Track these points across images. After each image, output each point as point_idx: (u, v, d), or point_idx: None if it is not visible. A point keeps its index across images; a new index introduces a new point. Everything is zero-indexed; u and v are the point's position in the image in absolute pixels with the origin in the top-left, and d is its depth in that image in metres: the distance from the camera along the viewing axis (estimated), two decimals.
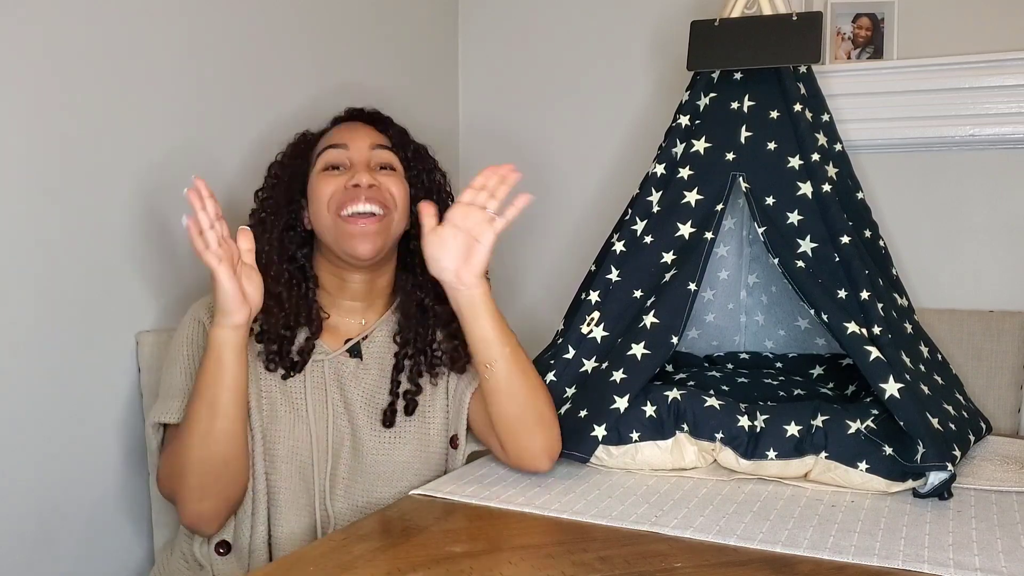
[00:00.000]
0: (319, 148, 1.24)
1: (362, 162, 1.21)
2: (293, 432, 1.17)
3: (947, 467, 1.09)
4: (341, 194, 1.18)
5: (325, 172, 1.21)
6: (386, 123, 1.30)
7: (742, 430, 1.21)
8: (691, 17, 1.49)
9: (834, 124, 1.44)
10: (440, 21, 2.10)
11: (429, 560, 0.89)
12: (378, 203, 1.18)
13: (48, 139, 1.20)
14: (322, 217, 1.19)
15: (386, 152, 1.25)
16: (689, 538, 0.98)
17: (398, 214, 1.22)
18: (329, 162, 1.22)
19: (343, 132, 1.25)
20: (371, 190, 1.18)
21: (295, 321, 1.19)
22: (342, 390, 1.21)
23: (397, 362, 1.23)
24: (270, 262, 1.19)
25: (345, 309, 1.25)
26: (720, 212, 1.33)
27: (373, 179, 1.19)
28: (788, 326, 1.60)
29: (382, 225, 1.18)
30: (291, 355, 1.19)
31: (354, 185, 1.17)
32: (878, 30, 1.73)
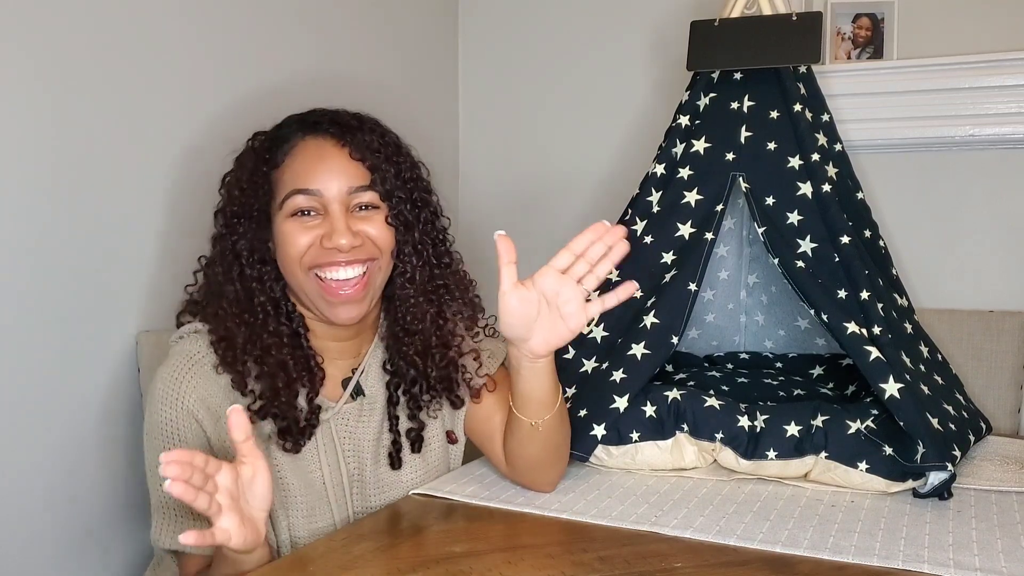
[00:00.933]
0: (285, 189, 1.05)
1: (338, 211, 1.04)
2: (312, 509, 1.06)
3: (947, 467, 1.09)
4: (316, 252, 1.03)
5: (293, 219, 1.05)
6: (359, 142, 1.07)
7: (742, 430, 1.21)
8: (691, 17, 1.48)
9: (834, 124, 1.44)
10: (440, 21, 2.10)
11: (429, 560, 0.89)
12: (361, 262, 1.05)
13: (48, 138, 1.20)
14: (295, 274, 1.05)
15: (365, 193, 1.06)
16: (689, 538, 0.98)
17: (384, 260, 1.08)
18: (298, 207, 1.04)
19: (310, 169, 1.05)
20: (353, 252, 1.04)
21: (298, 385, 1.06)
22: (354, 440, 1.11)
23: (390, 395, 1.14)
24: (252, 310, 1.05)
25: (333, 350, 1.13)
26: (720, 212, 1.33)
27: (353, 235, 1.04)
28: (788, 326, 1.60)
29: (368, 286, 1.07)
30: (299, 424, 1.06)
31: (333, 247, 1.03)
32: (878, 30, 1.73)
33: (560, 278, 0.99)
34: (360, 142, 1.07)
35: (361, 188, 1.06)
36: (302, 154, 1.06)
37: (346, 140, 1.07)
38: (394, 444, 1.13)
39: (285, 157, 1.07)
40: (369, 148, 1.07)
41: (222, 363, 1.04)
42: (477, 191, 2.17)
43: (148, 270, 1.35)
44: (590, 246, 0.99)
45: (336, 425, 1.11)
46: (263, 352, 1.04)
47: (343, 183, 1.05)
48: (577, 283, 0.99)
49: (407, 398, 1.13)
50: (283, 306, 1.08)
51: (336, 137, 1.07)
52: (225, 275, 1.07)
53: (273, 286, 1.07)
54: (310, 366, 1.08)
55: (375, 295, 1.09)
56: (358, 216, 1.06)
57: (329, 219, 1.04)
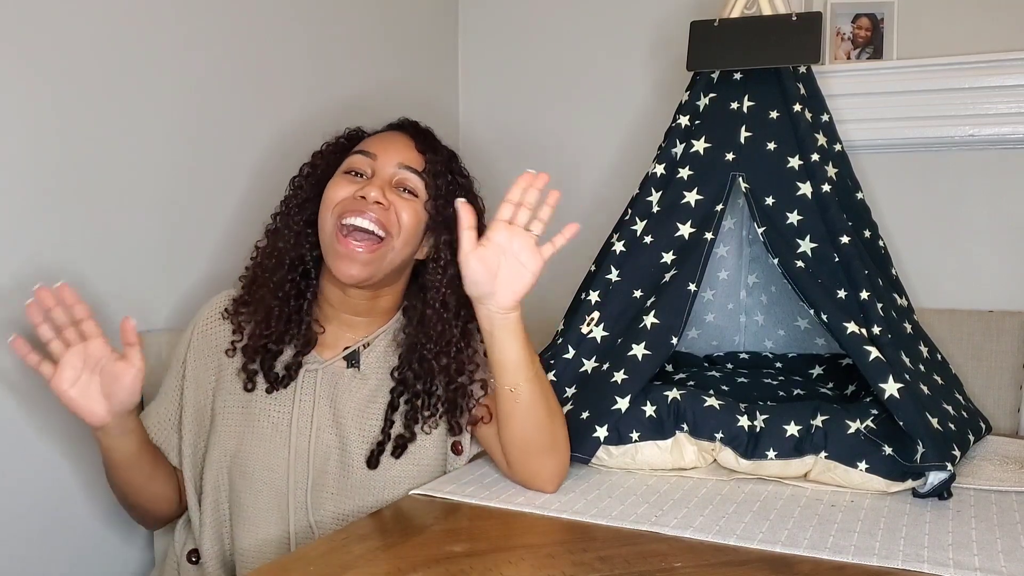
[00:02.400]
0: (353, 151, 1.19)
1: (383, 177, 1.14)
2: (270, 448, 1.13)
3: (947, 467, 1.09)
4: (348, 202, 1.11)
5: (345, 175, 1.15)
6: (429, 144, 1.20)
7: (742, 430, 1.21)
8: (691, 17, 1.49)
9: (834, 124, 1.44)
10: (440, 21, 2.10)
11: (429, 560, 0.89)
12: (379, 224, 1.11)
13: (55, 138, 1.20)
14: (325, 221, 1.13)
15: (412, 175, 1.15)
16: (689, 538, 0.98)
17: (399, 242, 1.13)
18: (352, 166, 1.16)
19: (378, 140, 1.18)
20: (376, 207, 1.11)
21: (283, 337, 1.15)
22: (333, 402, 1.15)
23: (392, 400, 1.15)
24: (278, 265, 1.16)
25: (345, 322, 1.19)
26: (720, 212, 1.33)
27: (384, 196, 1.12)
28: (788, 326, 1.60)
29: (376, 253, 1.11)
30: (275, 369, 1.15)
31: (361, 196, 1.11)
32: (878, 30, 1.73)
33: (509, 228, 1.05)
34: (429, 145, 1.19)
35: (411, 169, 1.15)
36: (379, 135, 1.21)
37: (417, 137, 1.19)
38: (379, 445, 1.13)
39: (366, 138, 1.20)
40: (433, 148, 1.19)
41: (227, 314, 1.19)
42: (476, 191, 2.16)
43: (153, 271, 1.36)
44: (524, 194, 1.07)
45: (322, 379, 1.16)
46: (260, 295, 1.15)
47: (397, 157, 1.15)
48: (525, 230, 1.06)
49: (408, 407, 1.15)
50: (302, 269, 1.17)
51: (410, 133, 1.20)
52: (273, 223, 1.19)
53: (304, 246, 1.17)
54: (301, 326, 1.16)
55: (380, 271, 1.12)
56: (398, 194, 1.14)
57: (371, 180, 1.13)
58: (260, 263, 1.18)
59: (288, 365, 1.15)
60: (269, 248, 1.18)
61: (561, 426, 1.15)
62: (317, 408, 1.15)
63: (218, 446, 1.15)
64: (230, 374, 1.17)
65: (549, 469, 1.13)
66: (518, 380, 1.08)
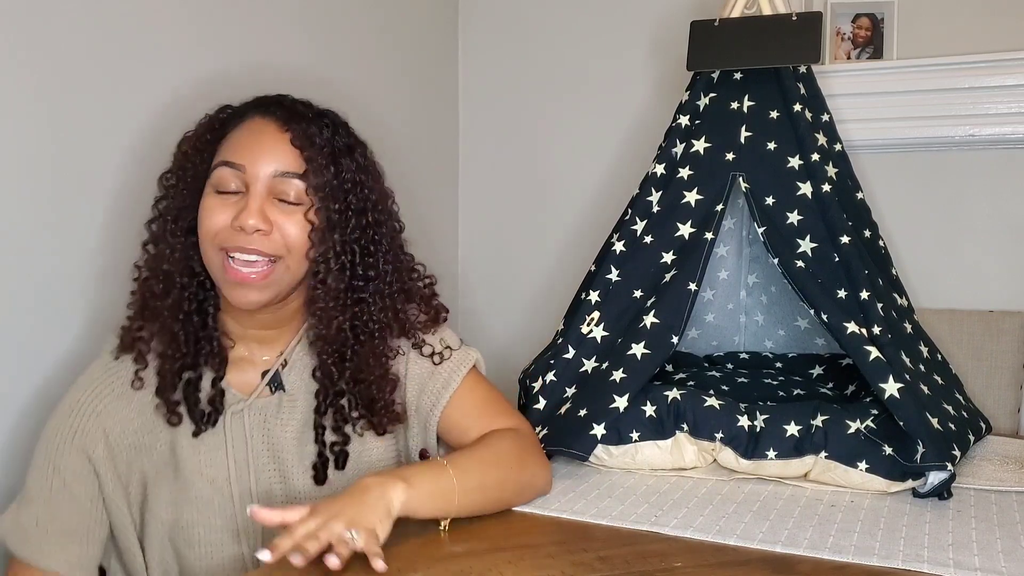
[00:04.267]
0: (217, 159, 1.02)
1: (259, 192, 0.99)
2: (212, 510, 1.03)
3: (947, 467, 1.09)
4: (226, 233, 0.99)
5: (216, 194, 1.01)
6: (306, 133, 1.02)
7: (742, 430, 1.21)
8: (691, 17, 1.49)
9: (834, 124, 1.44)
10: (440, 21, 2.10)
11: (429, 560, 0.89)
12: (262, 253, 0.99)
13: (48, 140, 1.20)
14: (206, 248, 1.01)
15: (291, 182, 1.01)
16: (689, 538, 0.98)
17: (292, 260, 1.01)
18: (221, 184, 1.01)
19: (244, 144, 1.01)
20: (257, 237, 0.98)
21: (197, 359, 1.04)
22: (268, 437, 1.05)
23: (318, 404, 1.06)
24: (169, 285, 1.03)
25: (255, 338, 1.08)
26: (720, 212, 1.33)
27: (263, 219, 0.98)
28: (788, 326, 1.60)
29: (271, 277, 1.00)
30: (200, 406, 1.04)
31: (239, 227, 0.98)
32: (878, 30, 1.73)
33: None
34: (304, 131, 1.02)
35: (289, 174, 1.01)
36: (244, 129, 1.03)
37: (290, 126, 1.02)
38: (319, 456, 1.05)
39: (231, 130, 1.04)
40: (312, 140, 1.02)
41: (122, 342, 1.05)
42: (477, 191, 2.17)
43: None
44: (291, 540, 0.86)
45: (250, 419, 1.05)
46: (158, 320, 1.04)
47: (271, 165, 1.00)
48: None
49: (333, 409, 1.06)
50: (195, 282, 1.05)
51: (281, 121, 1.03)
52: (153, 242, 1.06)
53: (191, 257, 1.04)
54: (212, 346, 1.05)
55: (280, 291, 1.02)
56: (278, 206, 1.01)
57: (247, 198, 0.99)
58: (147, 285, 1.05)
59: (211, 398, 1.04)
60: (152, 266, 1.05)
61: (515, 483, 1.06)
62: (252, 452, 1.05)
63: (154, 519, 1.04)
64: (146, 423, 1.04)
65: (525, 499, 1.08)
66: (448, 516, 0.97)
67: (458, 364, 1.12)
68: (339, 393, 1.06)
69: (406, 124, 1.97)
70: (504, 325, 2.15)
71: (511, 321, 2.14)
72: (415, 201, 2.03)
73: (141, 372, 1.04)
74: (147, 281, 1.05)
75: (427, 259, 1.14)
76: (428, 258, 1.16)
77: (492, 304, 2.17)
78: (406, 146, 1.98)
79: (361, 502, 0.88)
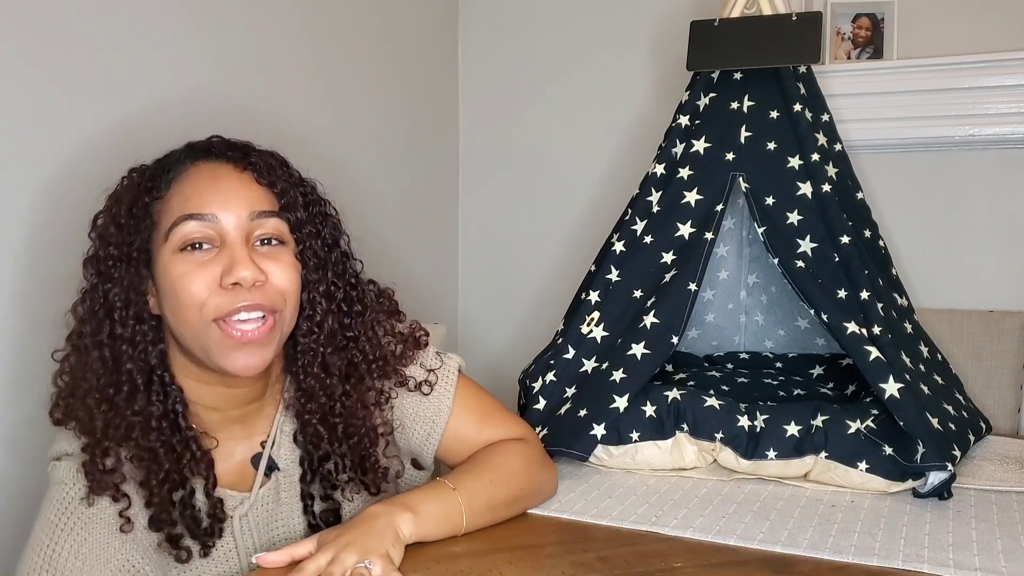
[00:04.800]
0: (172, 216, 0.87)
1: (238, 239, 0.87)
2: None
3: (947, 467, 1.09)
4: (219, 300, 0.85)
5: (184, 254, 0.86)
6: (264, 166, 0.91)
7: (742, 430, 1.21)
8: (691, 17, 1.49)
9: (834, 124, 1.44)
10: (440, 21, 2.10)
11: (429, 560, 0.88)
12: (265, 309, 0.87)
13: (54, 143, 1.20)
14: (193, 324, 0.86)
15: (272, 220, 0.89)
16: (689, 538, 0.98)
17: (288, 309, 0.91)
18: (188, 239, 0.86)
19: (204, 190, 0.87)
20: (255, 291, 0.86)
21: (182, 474, 0.89)
22: (283, 524, 0.98)
23: (304, 472, 0.97)
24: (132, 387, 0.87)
25: (235, 420, 0.96)
26: (720, 212, 1.33)
27: (257, 269, 0.86)
28: (788, 326, 1.60)
29: (272, 332, 0.89)
30: (201, 525, 0.91)
31: (234, 284, 0.85)
32: (878, 30, 1.73)
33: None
34: (264, 164, 0.91)
35: (266, 214, 0.89)
36: (193, 178, 0.89)
37: (248, 163, 0.90)
38: (311, 528, 0.97)
39: (172, 184, 0.89)
40: (276, 174, 0.91)
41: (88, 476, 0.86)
42: (477, 191, 2.17)
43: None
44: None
45: (255, 516, 0.95)
46: (125, 441, 0.87)
47: (244, 207, 0.87)
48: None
49: (320, 477, 0.97)
50: (156, 378, 0.89)
51: (235, 161, 0.90)
52: (93, 338, 0.87)
53: (148, 350, 0.88)
54: (192, 451, 0.90)
55: (279, 347, 0.92)
56: (261, 251, 0.89)
57: (227, 250, 0.86)
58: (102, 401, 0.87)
59: (211, 511, 0.92)
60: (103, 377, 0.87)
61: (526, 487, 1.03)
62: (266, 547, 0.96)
63: None
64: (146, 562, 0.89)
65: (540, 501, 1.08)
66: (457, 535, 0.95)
67: (444, 386, 1.04)
68: (324, 457, 0.96)
69: (406, 124, 1.97)
70: (504, 326, 2.15)
71: (511, 322, 2.14)
72: (415, 201, 2.04)
73: (126, 511, 0.88)
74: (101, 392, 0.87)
75: (427, 259, 1.14)
76: (428, 258, 1.16)
77: (492, 305, 2.17)
78: (406, 146, 1.98)
79: (370, 531, 0.85)
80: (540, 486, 1.07)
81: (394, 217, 1.95)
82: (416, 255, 2.03)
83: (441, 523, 0.92)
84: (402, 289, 1.13)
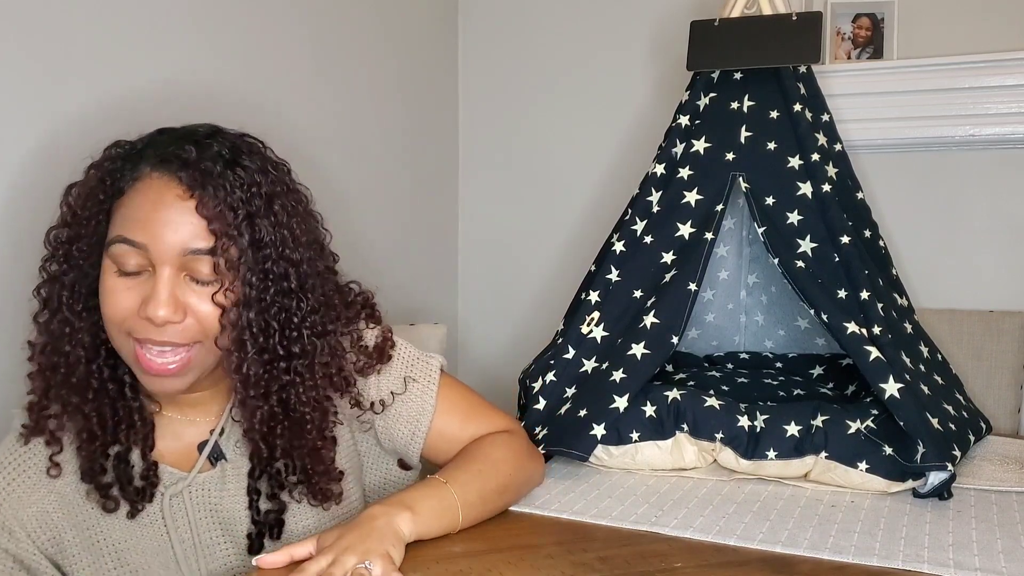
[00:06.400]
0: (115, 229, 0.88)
1: (165, 275, 0.87)
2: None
3: (947, 467, 1.09)
4: (134, 323, 0.87)
5: (115, 276, 0.88)
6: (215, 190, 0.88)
7: (742, 430, 1.21)
8: (691, 17, 1.49)
9: (834, 124, 1.44)
10: (440, 21, 2.10)
11: (429, 560, 0.88)
12: (176, 346, 0.88)
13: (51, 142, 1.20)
14: (113, 336, 0.90)
15: (202, 259, 0.87)
16: (689, 538, 0.98)
17: (211, 342, 0.90)
18: (120, 262, 0.88)
19: (143, 216, 0.87)
20: (169, 329, 0.87)
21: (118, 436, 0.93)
22: (217, 514, 0.97)
23: (252, 467, 0.97)
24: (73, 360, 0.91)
25: (185, 401, 0.98)
26: (720, 212, 1.33)
27: (174, 308, 0.87)
28: (788, 326, 1.60)
29: (191, 363, 0.90)
30: (133, 483, 0.93)
31: (146, 317, 0.86)
32: (878, 30, 1.73)
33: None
34: (211, 196, 0.88)
35: (198, 252, 0.87)
36: (143, 192, 0.88)
37: (195, 191, 0.88)
38: (254, 523, 0.97)
39: (128, 188, 0.90)
40: (221, 204, 0.88)
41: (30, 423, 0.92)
42: (477, 191, 2.17)
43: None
44: None
45: (192, 497, 0.96)
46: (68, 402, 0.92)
47: (177, 242, 0.87)
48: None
49: (267, 476, 0.97)
50: (104, 350, 0.93)
51: (185, 184, 0.88)
52: (48, 305, 0.92)
53: (98, 323, 0.91)
54: (134, 417, 0.94)
55: (203, 371, 0.92)
56: (190, 286, 0.88)
57: (152, 280, 0.87)
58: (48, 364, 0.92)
59: (144, 473, 0.94)
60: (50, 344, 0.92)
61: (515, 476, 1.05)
62: (199, 533, 0.96)
63: None
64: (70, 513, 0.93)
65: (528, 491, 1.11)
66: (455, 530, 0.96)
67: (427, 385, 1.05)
68: (273, 458, 0.96)
69: (406, 125, 1.97)
70: (504, 326, 2.15)
71: (511, 322, 2.14)
72: (415, 201, 2.04)
73: (57, 456, 0.93)
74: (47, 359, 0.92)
75: (427, 259, 1.13)
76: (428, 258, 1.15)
77: (492, 305, 2.17)
78: (406, 146, 1.98)
79: (370, 531, 0.85)
80: (529, 474, 1.09)
81: (394, 217, 1.95)
82: (416, 255, 2.03)
83: (439, 518, 0.93)
84: (402, 289, 1.14)
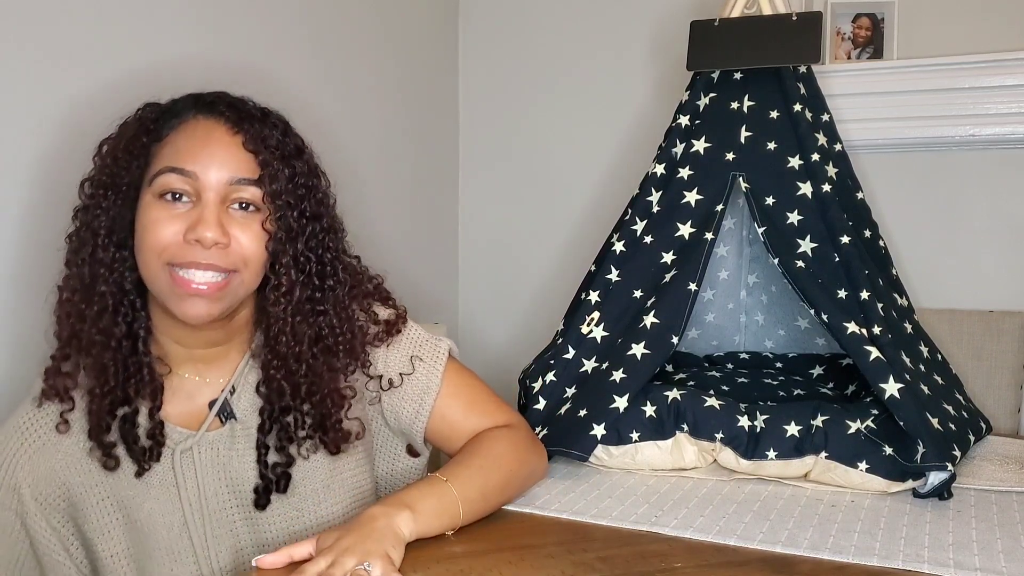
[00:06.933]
0: (161, 163, 0.92)
1: (213, 199, 0.91)
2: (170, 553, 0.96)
3: (947, 467, 1.09)
4: (177, 248, 0.90)
5: (160, 201, 0.91)
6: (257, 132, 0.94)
7: (742, 430, 1.21)
8: (691, 17, 1.49)
9: (834, 124, 1.44)
10: (440, 21, 2.10)
11: (429, 560, 0.88)
12: (219, 270, 0.91)
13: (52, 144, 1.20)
14: (149, 264, 0.91)
15: (248, 188, 0.93)
16: (689, 538, 0.98)
17: (249, 272, 0.94)
18: (167, 188, 0.91)
19: (192, 148, 0.92)
20: (215, 252, 0.90)
21: (125, 393, 0.95)
22: (227, 474, 0.98)
23: (262, 422, 0.98)
24: (102, 303, 0.93)
25: (199, 359, 1.00)
26: (720, 212, 1.33)
27: (222, 231, 0.91)
28: (788, 326, 1.60)
29: (225, 290, 0.92)
30: (139, 443, 0.95)
31: (195, 239, 0.90)
32: (878, 30, 1.73)
33: None
34: (256, 133, 0.94)
35: (245, 181, 0.92)
36: (188, 132, 0.93)
37: (242, 128, 0.94)
38: (262, 478, 0.98)
39: (170, 132, 0.94)
40: (265, 142, 0.95)
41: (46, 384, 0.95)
42: (477, 191, 2.17)
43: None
44: None
45: (202, 455, 0.97)
46: (89, 351, 0.94)
47: (225, 171, 0.92)
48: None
49: (278, 427, 0.98)
50: (126, 301, 0.95)
51: (231, 123, 0.94)
52: (75, 255, 0.94)
53: (123, 275, 0.94)
54: (143, 375, 0.95)
55: (233, 303, 0.95)
56: (234, 215, 0.93)
57: (200, 208, 0.91)
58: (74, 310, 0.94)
59: (150, 432, 0.96)
60: (79, 287, 0.94)
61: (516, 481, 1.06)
62: (207, 492, 0.97)
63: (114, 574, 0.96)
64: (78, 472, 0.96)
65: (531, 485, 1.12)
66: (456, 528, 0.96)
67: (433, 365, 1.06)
68: (285, 409, 0.98)
69: (406, 125, 1.97)
70: (504, 325, 2.15)
71: (511, 321, 2.14)
72: (415, 201, 2.04)
73: (67, 413, 0.95)
74: (74, 304, 0.94)
75: (427, 258, 1.13)
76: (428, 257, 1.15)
77: (492, 304, 2.17)
78: (406, 146, 1.98)
79: (370, 533, 0.85)
80: (531, 469, 1.09)
81: (394, 216, 1.95)
82: (416, 254, 2.03)
83: (439, 517, 0.93)
84: (402, 288, 1.13)
